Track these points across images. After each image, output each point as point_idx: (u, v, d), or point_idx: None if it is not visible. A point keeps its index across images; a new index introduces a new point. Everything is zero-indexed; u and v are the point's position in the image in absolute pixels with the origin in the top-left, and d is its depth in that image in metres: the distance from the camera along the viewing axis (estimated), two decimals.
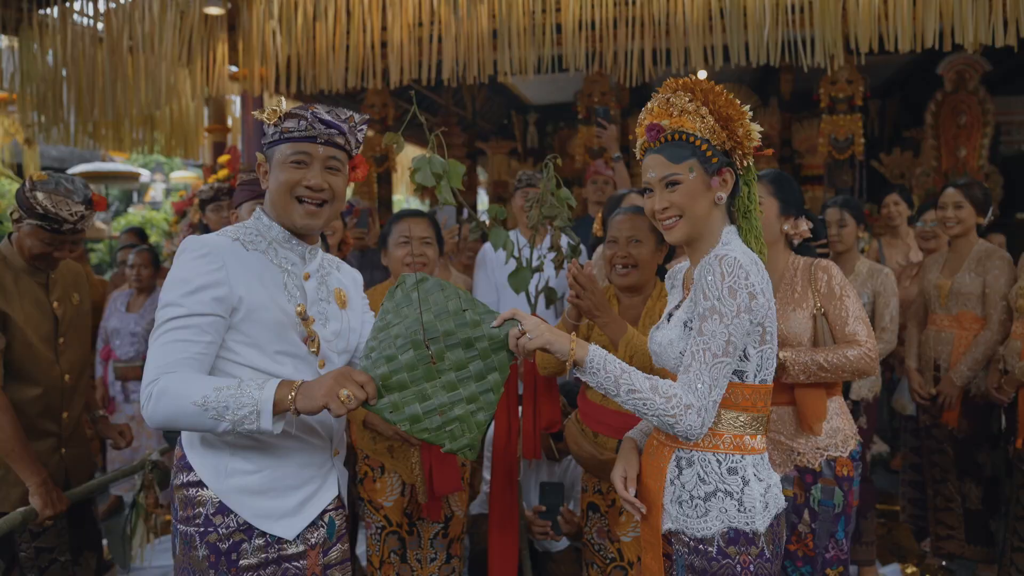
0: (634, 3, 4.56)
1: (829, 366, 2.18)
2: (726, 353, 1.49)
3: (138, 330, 4.35)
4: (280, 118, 1.64)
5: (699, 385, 1.49)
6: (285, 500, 1.66)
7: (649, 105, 1.66)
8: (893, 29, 4.18)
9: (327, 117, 1.64)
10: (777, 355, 2.16)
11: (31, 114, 5.67)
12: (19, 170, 9.71)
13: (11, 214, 2.39)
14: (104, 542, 3.70)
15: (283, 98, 1.70)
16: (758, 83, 7.70)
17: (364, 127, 1.74)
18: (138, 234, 5.68)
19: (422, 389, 1.56)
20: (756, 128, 1.63)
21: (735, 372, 1.57)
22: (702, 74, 4.53)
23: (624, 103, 7.32)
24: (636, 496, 1.67)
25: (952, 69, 6.35)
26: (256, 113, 1.68)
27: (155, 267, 4.52)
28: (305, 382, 1.50)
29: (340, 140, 1.68)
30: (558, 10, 4.65)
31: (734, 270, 1.49)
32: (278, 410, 1.46)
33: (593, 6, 4.58)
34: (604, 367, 1.50)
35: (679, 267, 1.82)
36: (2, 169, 9.20)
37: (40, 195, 2.28)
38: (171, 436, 2.58)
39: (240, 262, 1.62)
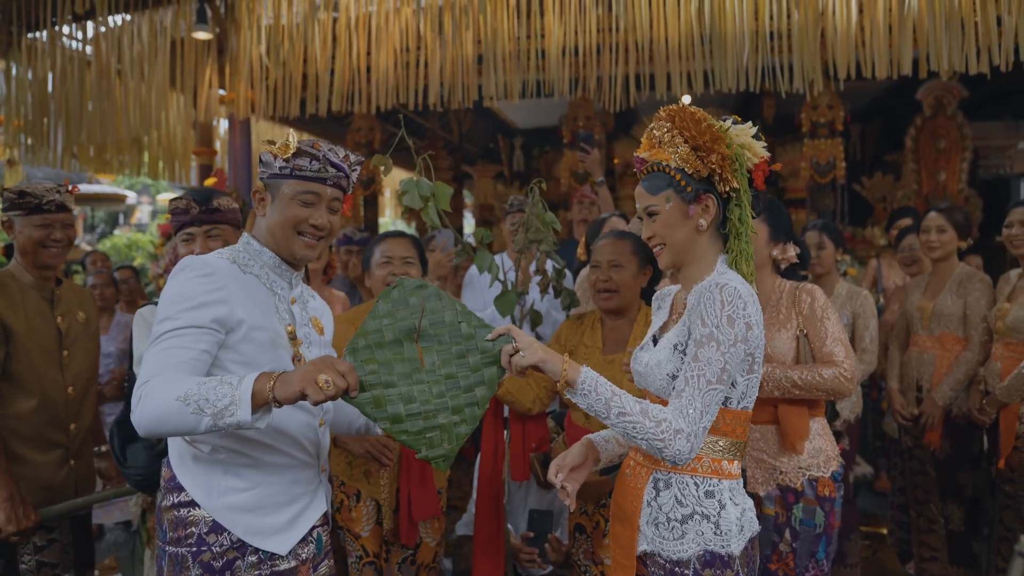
0: (617, 30, 4.65)
1: (802, 383, 2.21)
2: (720, 380, 1.51)
3: (111, 350, 4.31)
4: (293, 154, 1.68)
5: (691, 410, 1.49)
6: (277, 516, 1.68)
7: (644, 137, 1.70)
8: (870, 56, 4.28)
9: (337, 160, 1.70)
10: None
11: (18, 136, 5.67)
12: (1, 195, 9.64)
13: (2, 224, 2.51)
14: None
15: (294, 133, 1.73)
16: (741, 108, 7.82)
17: (358, 167, 1.80)
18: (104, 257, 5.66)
19: (408, 391, 1.56)
20: (758, 146, 1.63)
21: None
22: (686, 99, 4.63)
23: (608, 127, 7.40)
24: (611, 513, 1.69)
25: (930, 95, 6.48)
26: (267, 145, 1.71)
27: (115, 287, 4.53)
28: (284, 371, 1.48)
29: (344, 183, 1.75)
30: (543, 36, 4.73)
31: (733, 300, 1.51)
32: (258, 401, 1.44)
33: (577, 32, 4.67)
34: (595, 389, 1.50)
35: (667, 289, 1.84)
36: None
37: (13, 189, 2.47)
38: (132, 480, 2.53)
39: (239, 284, 1.66)
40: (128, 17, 5.42)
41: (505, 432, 2.78)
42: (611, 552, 1.72)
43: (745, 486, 2.26)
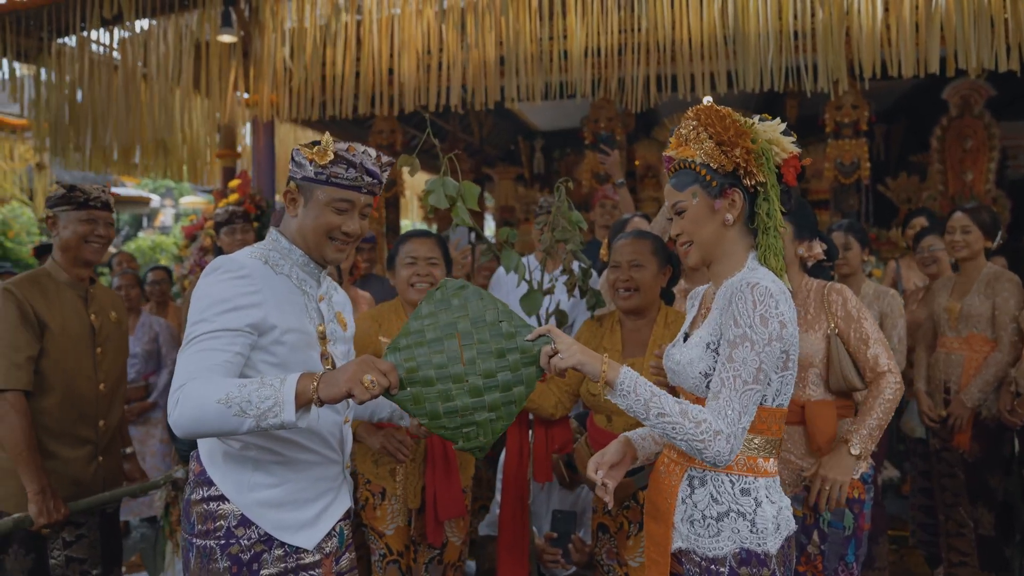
0: (639, 30, 4.63)
1: (884, 419, 2.21)
2: (756, 380, 1.51)
3: (136, 351, 4.37)
4: (330, 161, 1.68)
5: (729, 412, 1.49)
6: (303, 512, 1.72)
7: (672, 137, 1.70)
8: (896, 54, 4.23)
9: (373, 168, 1.72)
10: (846, 448, 2.17)
11: (46, 140, 5.77)
12: (32, 196, 9.84)
13: (45, 221, 2.57)
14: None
15: (329, 134, 1.74)
16: (763, 109, 7.73)
17: (389, 168, 1.80)
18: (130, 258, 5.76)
19: (447, 389, 1.58)
20: (787, 141, 1.62)
21: None
22: (708, 100, 4.62)
23: (630, 128, 7.39)
24: (645, 511, 1.68)
25: (957, 94, 6.39)
26: (304, 149, 1.70)
27: (141, 288, 4.60)
28: (327, 371, 1.51)
29: (376, 189, 1.76)
30: (565, 37, 4.73)
31: (765, 299, 1.51)
32: (301, 401, 1.47)
33: (599, 33, 4.66)
34: (635, 389, 1.50)
35: (699, 289, 1.85)
36: (17, 194, 9.32)
37: (64, 184, 2.55)
38: (184, 453, 2.62)
39: (271, 286, 1.67)
40: (154, 21, 5.49)
41: (529, 433, 2.78)
42: (645, 549, 1.72)
43: None
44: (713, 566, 1.56)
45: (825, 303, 2.30)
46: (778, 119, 1.65)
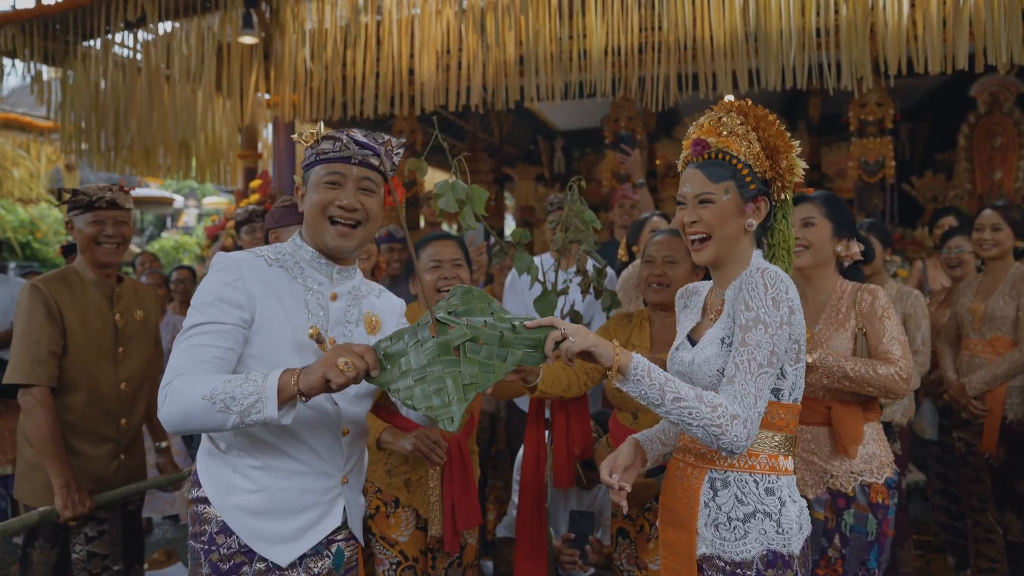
0: (660, 28, 4.60)
1: (855, 376, 2.13)
2: (770, 363, 1.48)
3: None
4: (317, 141, 1.65)
5: (745, 396, 1.46)
6: (284, 524, 1.62)
7: (700, 120, 1.66)
8: (923, 50, 4.16)
9: (362, 138, 1.64)
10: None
11: (73, 142, 5.86)
12: (59, 196, 9.97)
13: (64, 225, 2.64)
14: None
15: (322, 123, 1.72)
16: (786, 107, 7.68)
17: (400, 150, 1.74)
18: (153, 258, 5.84)
19: (419, 358, 1.49)
20: (801, 164, 1.64)
21: (773, 391, 1.56)
22: (728, 99, 4.58)
23: (650, 128, 7.34)
24: (660, 518, 1.66)
25: (986, 91, 6.28)
26: (295, 137, 1.71)
27: (166, 287, 4.65)
28: (307, 365, 1.46)
29: (375, 161, 1.66)
30: (584, 36, 4.71)
31: (776, 282, 1.50)
32: (283, 396, 1.42)
33: (619, 32, 4.63)
34: (648, 374, 1.45)
35: (692, 286, 1.82)
36: (44, 195, 9.48)
37: (68, 189, 2.61)
38: (195, 453, 2.64)
39: (257, 275, 1.63)
40: (177, 24, 5.55)
41: (547, 433, 2.76)
42: (662, 558, 1.67)
43: None
44: (739, 570, 1.52)
45: (856, 302, 2.27)
46: (797, 142, 1.65)
